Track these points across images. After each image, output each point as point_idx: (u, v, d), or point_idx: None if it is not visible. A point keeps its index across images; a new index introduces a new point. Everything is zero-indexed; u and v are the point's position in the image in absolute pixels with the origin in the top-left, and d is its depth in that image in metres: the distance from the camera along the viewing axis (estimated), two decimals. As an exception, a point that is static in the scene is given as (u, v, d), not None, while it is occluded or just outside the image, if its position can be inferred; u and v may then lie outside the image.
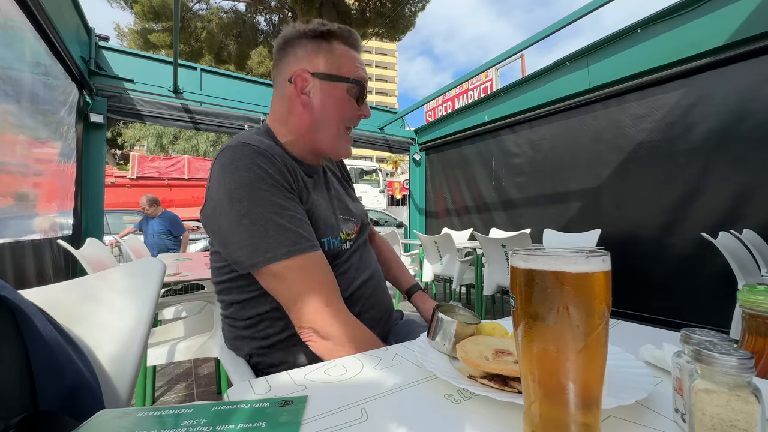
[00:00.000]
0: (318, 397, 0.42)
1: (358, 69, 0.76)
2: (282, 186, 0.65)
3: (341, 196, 0.88)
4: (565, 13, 3.16)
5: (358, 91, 0.76)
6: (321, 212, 0.75)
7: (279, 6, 12.21)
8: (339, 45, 0.75)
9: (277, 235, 0.61)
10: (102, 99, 3.65)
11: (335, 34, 0.75)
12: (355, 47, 0.77)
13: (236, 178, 0.62)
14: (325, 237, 0.72)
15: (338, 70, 0.75)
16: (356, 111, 0.78)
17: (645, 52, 2.94)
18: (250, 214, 0.61)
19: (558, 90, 3.63)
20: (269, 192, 0.62)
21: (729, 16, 2.48)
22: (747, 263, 1.94)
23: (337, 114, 0.76)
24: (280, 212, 0.62)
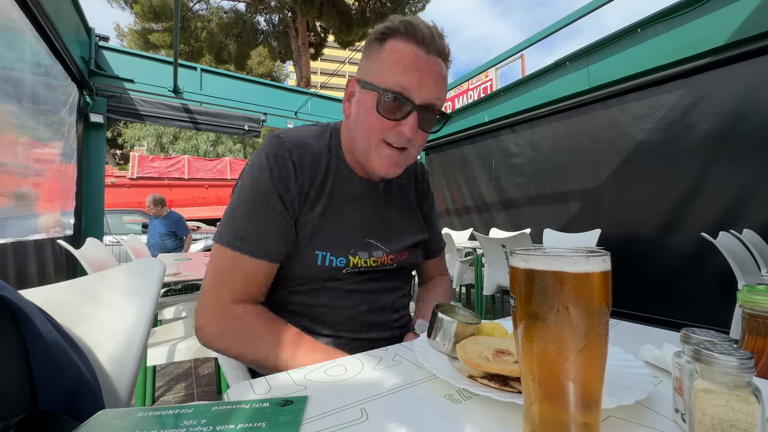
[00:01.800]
0: (318, 397, 0.42)
1: (401, 73, 0.61)
2: (277, 186, 0.65)
3: (391, 219, 0.78)
4: (565, 14, 3.16)
5: (391, 102, 0.62)
6: (330, 225, 0.69)
7: (279, 6, 12.20)
8: (393, 43, 0.63)
9: (236, 222, 0.63)
10: (102, 99, 3.65)
11: (392, 30, 0.63)
12: (415, 40, 0.61)
13: (250, 161, 0.68)
14: (319, 250, 0.68)
15: (376, 75, 0.64)
16: (392, 126, 0.63)
17: (645, 52, 2.94)
18: (239, 193, 0.66)
19: (558, 90, 3.63)
20: (260, 184, 0.64)
21: (729, 16, 2.48)
22: (747, 263, 1.93)
23: (365, 127, 0.65)
24: (254, 205, 0.64)
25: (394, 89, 0.61)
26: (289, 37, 12.47)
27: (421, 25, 0.63)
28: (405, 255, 0.79)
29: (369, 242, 0.73)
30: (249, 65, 14.09)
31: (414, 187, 0.87)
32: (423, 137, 0.68)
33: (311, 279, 0.70)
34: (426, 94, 0.62)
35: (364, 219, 0.74)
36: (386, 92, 0.62)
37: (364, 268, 0.72)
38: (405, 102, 0.62)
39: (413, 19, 0.64)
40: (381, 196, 0.77)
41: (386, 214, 0.77)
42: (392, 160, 0.66)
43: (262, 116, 4.72)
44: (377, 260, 0.73)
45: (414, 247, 0.82)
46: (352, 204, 0.73)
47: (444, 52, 0.65)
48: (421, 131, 0.66)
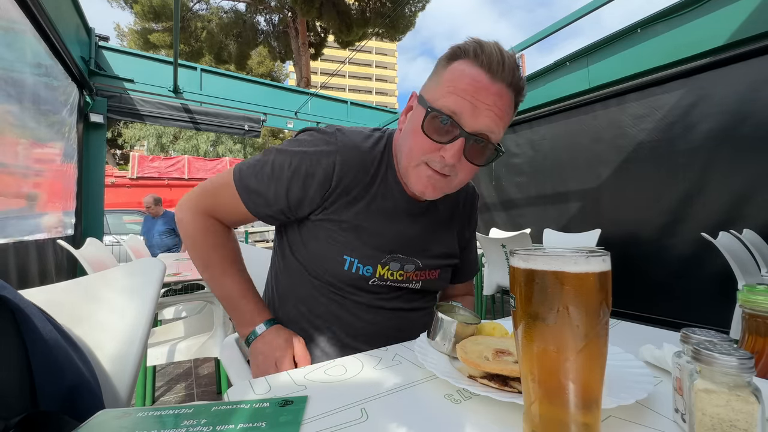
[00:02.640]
0: (318, 397, 0.42)
1: (455, 94, 0.57)
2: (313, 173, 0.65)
3: (428, 238, 0.75)
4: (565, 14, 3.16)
5: (438, 122, 0.58)
6: (363, 231, 0.68)
7: (279, 6, 12.21)
8: (458, 63, 0.59)
9: (255, 172, 0.68)
10: (102, 99, 3.66)
11: (462, 51, 0.59)
12: (481, 64, 0.57)
13: (302, 137, 0.70)
14: (347, 255, 0.67)
15: (433, 92, 0.60)
16: (435, 149, 0.60)
17: (645, 52, 2.94)
18: (276, 154, 0.69)
19: (558, 90, 3.63)
20: (291, 161, 0.66)
21: (729, 16, 2.48)
22: (747, 263, 1.93)
23: (410, 144, 0.63)
24: (273, 173, 0.67)
25: (444, 110, 0.57)
26: (289, 37, 12.47)
27: (492, 48, 0.57)
28: (434, 275, 0.77)
29: (403, 257, 0.71)
30: (249, 65, 14.09)
31: (460, 211, 0.83)
32: (469, 168, 0.62)
33: (337, 284, 0.69)
34: (478, 123, 0.57)
35: (401, 233, 0.71)
36: (435, 111, 0.58)
37: (390, 281, 0.71)
38: (453, 125, 0.57)
39: (486, 42, 0.59)
40: (423, 214, 0.75)
41: (426, 232, 0.75)
42: (431, 182, 0.62)
43: (262, 116, 4.72)
44: (404, 275, 0.72)
45: (444, 269, 0.79)
46: (392, 216, 0.71)
47: (514, 82, 0.58)
48: (467, 161, 0.60)
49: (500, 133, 0.60)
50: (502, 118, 0.58)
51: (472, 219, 0.88)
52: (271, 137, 20.83)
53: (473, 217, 0.88)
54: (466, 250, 0.88)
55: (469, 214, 0.87)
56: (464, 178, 0.64)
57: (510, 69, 0.57)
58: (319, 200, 0.67)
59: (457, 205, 0.83)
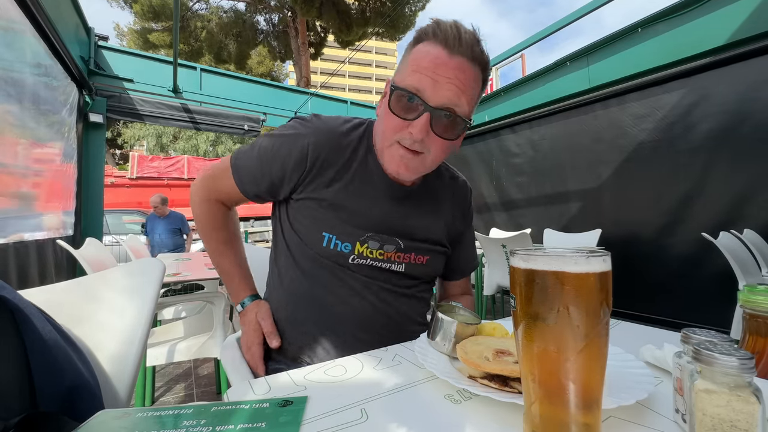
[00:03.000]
0: (318, 398, 0.42)
1: (416, 72, 0.60)
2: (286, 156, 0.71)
3: (414, 222, 0.76)
4: (566, 14, 3.16)
5: (405, 101, 0.62)
6: (342, 209, 0.71)
7: (279, 6, 12.20)
8: (421, 45, 0.62)
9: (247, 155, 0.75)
10: (101, 99, 3.65)
11: (423, 32, 0.63)
12: (440, 41, 0.60)
13: (285, 124, 0.77)
14: (326, 232, 0.71)
15: (400, 74, 0.64)
16: (404, 126, 0.62)
17: (645, 51, 2.94)
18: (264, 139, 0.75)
19: (558, 90, 3.63)
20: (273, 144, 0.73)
21: (729, 16, 2.48)
22: (748, 263, 1.93)
23: (382, 125, 0.67)
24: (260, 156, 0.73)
25: (408, 88, 0.61)
26: (289, 36, 12.46)
27: (448, 26, 0.61)
28: (421, 260, 0.77)
29: (383, 235, 0.73)
30: (249, 65, 14.08)
31: (450, 202, 0.84)
32: (439, 143, 0.64)
33: (318, 262, 0.72)
34: (440, 97, 0.60)
35: (381, 214, 0.73)
36: (400, 90, 0.61)
37: (370, 258, 0.72)
38: (417, 101, 0.61)
39: (444, 21, 0.62)
40: (407, 198, 0.76)
41: (410, 216, 0.76)
42: (403, 161, 0.65)
43: (261, 116, 4.72)
44: (385, 254, 0.73)
45: (434, 256, 0.79)
46: (372, 198, 0.73)
47: (475, 55, 0.61)
48: (437, 136, 0.62)
49: (465, 105, 0.62)
50: (464, 91, 0.61)
51: (466, 213, 0.87)
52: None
53: (467, 212, 0.88)
54: (460, 245, 0.87)
55: (462, 206, 0.86)
56: (437, 154, 0.66)
57: (467, 43, 0.60)
58: (296, 179, 0.72)
59: (447, 195, 0.83)
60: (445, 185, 0.83)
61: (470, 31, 0.62)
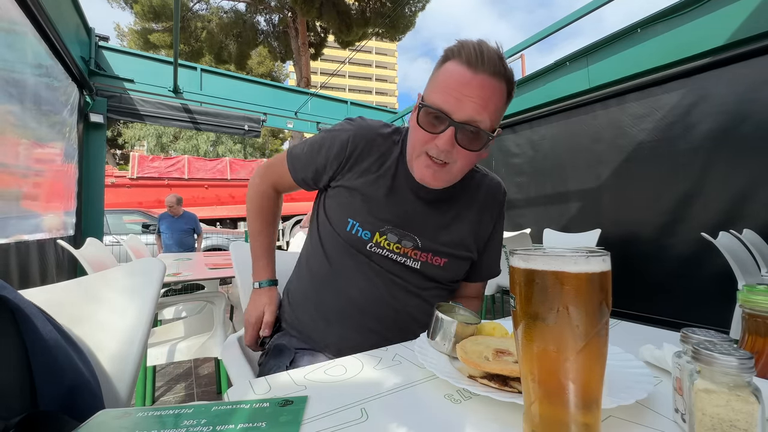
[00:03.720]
0: (318, 397, 0.42)
1: (442, 91, 0.65)
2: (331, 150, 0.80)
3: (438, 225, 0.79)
4: (566, 14, 3.16)
5: (431, 116, 0.67)
6: (371, 200, 0.77)
7: (279, 6, 12.20)
8: (448, 64, 0.67)
9: (301, 149, 0.85)
10: (102, 99, 3.66)
11: (451, 52, 0.67)
12: (463, 61, 0.64)
13: (331, 126, 0.86)
14: (351, 218, 0.77)
15: (428, 91, 0.69)
16: (431, 139, 0.67)
17: (645, 52, 2.94)
18: (317, 135, 0.86)
19: (558, 90, 3.63)
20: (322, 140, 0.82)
21: (729, 16, 2.48)
22: (747, 263, 1.93)
23: (412, 137, 0.72)
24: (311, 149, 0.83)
25: (434, 105, 0.66)
26: (289, 37, 12.46)
27: (471, 45, 0.65)
28: (438, 262, 0.78)
29: (403, 232, 0.76)
30: (249, 65, 14.09)
31: (481, 204, 0.84)
32: (465, 154, 0.68)
33: (340, 244, 0.78)
34: (464, 113, 0.64)
35: (404, 210, 0.77)
36: (426, 107, 0.67)
37: (387, 250, 0.76)
38: (443, 117, 0.65)
39: (468, 41, 0.67)
40: (435, 202, 0.79)
41: (433, 218, 0.79)
42: (429, 170, 0.70)
43: (262, 116, 4.72)
44: (402, 249, 0.76)
45: (454, 260, 0.79)
46: (399, 194, 0.78)
47: (497, 71, 0.64)
48: (462, 148, 0.67)
49: (488, 119, 0.65)
50: (486, 107, 0.64)
51: (495, 215, 0.87)
52: (271, 137, 20.83)
53: (496, 214, 0.87)
54: (484, 247, 0.86)
55: (491, 208, 0.86)
56: (463, 164, 0.70)
57: (490, 60, 0.64)
58: (336, 166, 0.79)
59: (476, 198, 0.84)
60: (475, 188, 0.84)
61: (493, 49, 0.65)
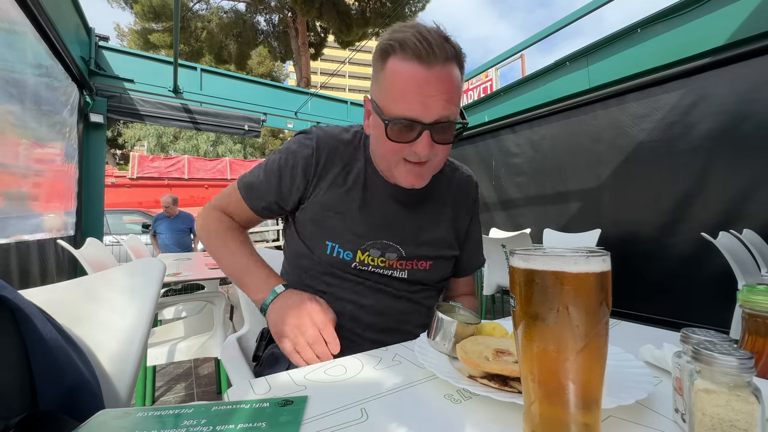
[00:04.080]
0: (318, 397, 0.42)
1: (402, 100, 0.60)
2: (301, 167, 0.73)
3: (417, 226, 0.76)
4: (566, 14, 3.16)
5: (401, 128, 0.61)
6: (342, 216, 0.72)
7: (279, 6, 12.20)
8: (392, 63, 0.60)
9: (252, 174, 0.78)
10: (102, 99, 3.65)
11: (390, 47, 0.60)
12: (412, 57, 0.58)
13: (285, 142, 0.80)
14: (329, 241, 0.72)
15: (383, 100, 0.63)
16: (407, 147, 0.63)
17: (645, 52, 2.93)
18: (268, 157, 0.78)
19: (558, 90, 3.63)
20: (279, 160, 0.75)
21: (729, 16, 2.48)
22: (747, 263, 1.93)
23: (383, 150, 0.67)
24: (267, 172, 0.76)
25: (400, 117, 0.60)
26: (289, 37, 12.46)
27: (412, 36, 0.58)
28: (424, 266, 0.76)
29: (384, 242, 0.73)
30: (249, 65, 14.08)
31: (454, 198, 0.83)
32: (443, 149, 0.66)
33: (322, 265, 0.73)
34: (434, 113, 0.60)
35: (385, 222, 0.74)
36: (392, 121, 0.61)
37: (372, 266, 0.72)
38: (414, 124, 0.61)
39: (404, 30, 0.60)
40: (411, 203, 0.76)
41: (412, 220, 0.76)
42: (413, 174, 0.67)
43: (262, 116, 4.72)
44: (387, 261, 0.73)
45: (438, 261, 0.78)
46: (375, 205, 0.74)
47: (448, 55, 0.60)
48: (439, 144, 0.64)
49: (456, 108, 0.63)
50: (451, 98, 0.61)
51: (470, 208, 0.86)
52: (271, 137, 20.82)
53: (471, 206, 0.86)
54: (465, 240, 0.86)
55: (465, 201, 0.85)
56: (442, 157, 0.68)
57: (439, 47, 0.58)
58: (303, 186, 0.74)
59: (449, 192, 0.82)
60: (447, 183, 0.83)
61: (435, 32, 0.60)
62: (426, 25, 0.61)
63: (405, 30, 0.60)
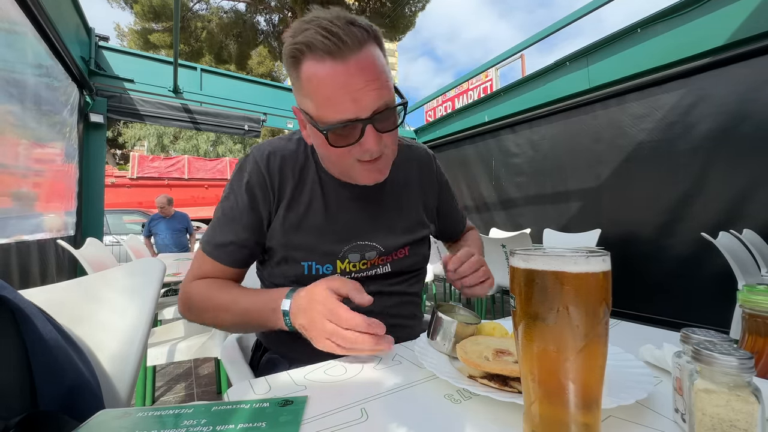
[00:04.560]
0: (318, 397, 0.42)
1: (329, 105, 0.55)
2: (248, 201, 0.67)
3: (386, 217, 0.74)
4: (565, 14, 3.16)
5: (339, 134, 0.57)
6: (310, 232, 0.69)
7: (279, 6, 12.20)
8: (305, 67, 0.55)
9: (212, 230, 0.70)
10: (102, 99, 3.65)
11: (301, 51, 0.55)
12: (331, 56, 0.53)
13: (231, 176, 0.72)
14: (304, 261, 0.68)
15: (311, 109, 0.57)
16: (356, 149, 0.59)
17: (645, 52, 2.93)
18: (219, 204, 0.71)
19: (558, 90, 3.63)
20: (232, 199, 0.69)
21: (729, 16, 2.48)
22: (747, 263, 1.93)
23: (331, 158, 0.63)
24: (225, 218, 0.69)
25: (335, 123, 0.55)
26: (289, 37, 12.46)
27: (318, 36, 0.53)
28: (403, 253, 0.75)
29: (360, 244, 0.71)
30: (249, 65, 14.08)
31: (419, 178, 0.81)
32: (391, 136, 0.62)
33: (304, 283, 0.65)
34: (368, 106, 0.55)
35: (356, 222, 0.71)
36: (329, 129, 0.56)
37: (354, 272, 0.71)
38: (353, 124, 0.56)
39: (309, 32, 0.54)
40: (375, 194, 0.73)
41: (381, 212, 0.74)
42: (372, 171, 0.63)
43: (262, 116, 4.72)
44: (368, 262, 0.71)
45: (415, 245, 0.77)
46: (339, 209, 0.71)
47: (360, 38, 0.54)
48: (386, 133, 0.60)
49: (390, 91, 0.58)
50: (381, 82, 0.56)
51: (436, 182, 0.84)
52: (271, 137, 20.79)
53: (437, 180, 0.85)
54: (439, 213, 0.87)
55: (432, 178, 0.84)
56: (394, 145, 0.64)
57: (347, 34, 0.53)
58: (268, 215, 0.69)
59: (411, 171, 0.80)
60: (406, 162, 0.80)
61: (337, 18, 0.54)
62: (326, 15, 0.55)
63: (307, 28, 0.54)
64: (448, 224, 0.90)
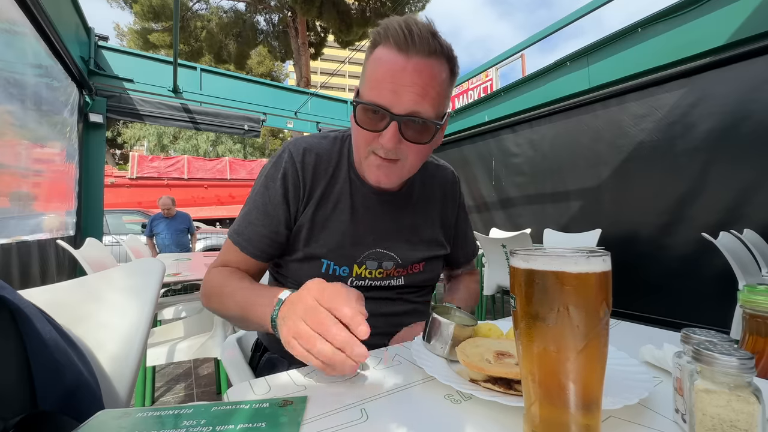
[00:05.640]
0: (318, 398, 0.42)
1: (376, 85, 0.58)
2: (278, 194, 0.68)
3: (407, 229, 0.75)
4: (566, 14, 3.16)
5: (370, 114, 0.59)
6: (333, 231, 0.69)
7: (279, 6, 12.19)
8: (378, 51, 0.59)
9: (240, 219, 0.71)
10: (101, 99, 3.65)
11: (379, 35, 0.59)
12: (393, 45, 0.56)
13: (264, 166, 0.73)
14: (324, 258, 0.69)
15: (362, 87, 0.61)
16: (374, 137, 0.60)
17: (645, 52, 2.93)
18: (251, 194, 0.72)
19: (558, 90, 3.63)
20: (263, 190, 0.70)
21: (729, 16, 2.48)
22: (747, 263, 1.93)
23: (355, 138, 0.66)
24: (255, 209, 0.70)
25: (370, 101, 0.58)
26: (289, 36, 12.45)
27: (398, 25, 0.56)
28: (418, 268, 0.76)
29: (380, 251, 0.71)
30: (249, 65, 14.08)
31: (441, 193, 0.82)
32: (415, 149, 0.61)
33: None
34: (403, 105, 0.57)
35: (378, 231, 0.72)
36: (363, 104, 0.59)
37: (369, 279, 0.71)
38: (383, 113, 0.58)
39: (393, 20, 0.58)
40: (399, 206, 0.75)
41: (404, 224, 0.75)
42: (381, 170, 0.63)
43: (261, 116, 4.72)
44: (384, 272, 0.72)
45: (430, 261, 0.77)
46: (365, 215, 0.71)
47: (432, 49, 0.57)
48: (409, 142, 0.60)
49: (431, 107, 0.58)
50: (426, 94, 0.57)
51: (455, 204, 0.85)
52: (271, 137, 20.82)
53: (456, 202, 0.85)
54: (454, 236, 0.86)
55: (452, 197, 0.84)
56: (415, 159, 0.64)
57: (422, 40, 0.56)
58: (296, 210, 0.70)
59: (435, 189, 0.81)
60: (431, 179, 0.81)
61: (423, 25, 0.58)
62: (416, 19, 0.58)
63: (392, 22, 0.58)
64: (458, 250, 0.88)
